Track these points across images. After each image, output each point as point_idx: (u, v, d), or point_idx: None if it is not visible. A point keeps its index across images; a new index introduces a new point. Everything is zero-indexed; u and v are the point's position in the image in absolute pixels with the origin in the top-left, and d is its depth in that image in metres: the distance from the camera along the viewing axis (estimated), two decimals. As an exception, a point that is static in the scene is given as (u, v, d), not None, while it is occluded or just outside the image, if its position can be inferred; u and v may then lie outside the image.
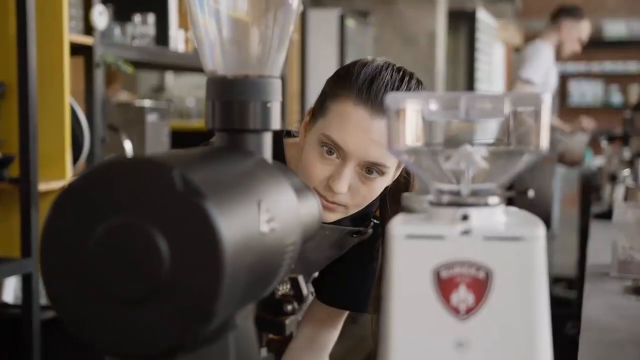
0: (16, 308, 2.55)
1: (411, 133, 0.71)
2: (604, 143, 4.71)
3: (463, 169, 0.71)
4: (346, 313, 1.56)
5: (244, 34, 0.82)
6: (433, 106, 0.70)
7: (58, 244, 0.62)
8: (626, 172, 3.07)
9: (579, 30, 4.47)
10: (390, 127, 0.71)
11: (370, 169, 1.27)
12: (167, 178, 0.61)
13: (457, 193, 0.71)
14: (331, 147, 1.27)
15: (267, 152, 0.82)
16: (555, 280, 5.49)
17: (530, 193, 0.72)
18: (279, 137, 1.42)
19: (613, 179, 3.25)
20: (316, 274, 1.52)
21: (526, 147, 0.70)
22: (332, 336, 1.59)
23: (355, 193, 1.29)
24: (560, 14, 4.51)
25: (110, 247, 0.61)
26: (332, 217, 1.31)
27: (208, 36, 0.82)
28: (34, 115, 2.37)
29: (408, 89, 1.29)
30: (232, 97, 0.80)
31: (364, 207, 1.33)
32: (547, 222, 4.55)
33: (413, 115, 0.71)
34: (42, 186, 2.42)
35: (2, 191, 2.47)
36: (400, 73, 1.30)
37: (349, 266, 1.49)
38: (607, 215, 2.73)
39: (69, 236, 0.62)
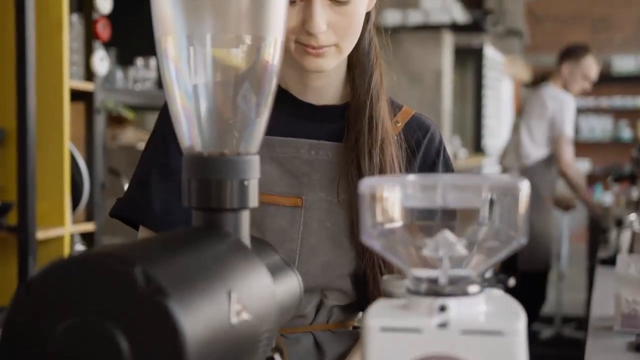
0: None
1: (386, 219, 0.69)
2: (611, 182, 4.69)
3: (441, 256, 0.68)
4: None
5: (221, 110, 0.81)
6: (409, 192, 0.68)
7: (18, 345, 0.60)
8: (632, 216, 3.04)
9: (582, 69, 4.47)
10: (364, 212, 0.69)
11: None
12: (128, 275, 0.58)
13: (434, 280, 0.69)
14: None
15: (245, 231, 0.80)
16: (564, 321, 5.42)
17: (511, 282, 0.70)
18: None
19: (619, 223, 3.21)
20: None
21: (505, 234, 0.67)
22: None
23: (336, 27, 1.18)
24: (561, 56, 4.53)
25: (70, 348, 0.59)
26: (328, 62, 1.21)
27: (185, 112, 0.80)
28: (32, 162, 2.36)
29: None
30: (209, 175, 0.78)
31: (355, 38, 1.22)
32: (547, 261, 4.49)
33: (388, 200, 0.69)
34: (41, 234, 2.40)
35: (0, 239, 2.46)
36: None
37: None
38: (613, 261, 2.69)
39: (29, 336, 0.59)
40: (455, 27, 5.56)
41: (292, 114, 1.29)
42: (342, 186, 1.23)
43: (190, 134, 0.80)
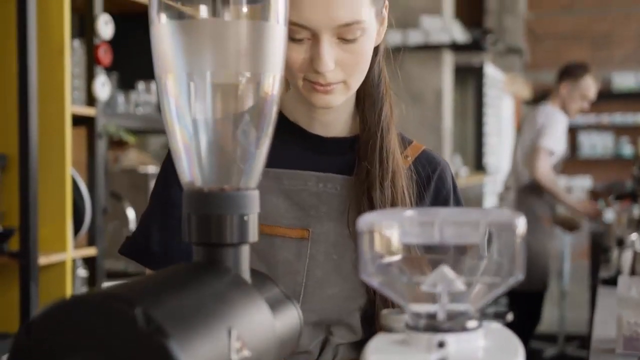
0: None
1: (384, 254, 0.70)
2: (613, 201, 4.68)
3: (440, 291, 0.69)
4: None
5: (221, 146, 0.81)
6: (407, 228, 0.69)
7: (18, 384, 0.60)
8: (634, 236, 3.03)
9: (580, 89, 4.47)
10: (362, 247, 0.70)
11: (347, 32, 1.15)
12: (129, 316, 0.59)
13: (433, 316, 0.69)
14: (297, 31, 1.15)
15: (245, 265, 0.80)
16: (567, 339, 5.41)
17: (509, 317, 0.70)
18: None
19: (620, 243, 3.21)
20: None
21: (503, 270, 0.68)
22: None
23: (344, 65, 1.16)
24: (560, 75, 4.54)
25: (71, 388, 0.59)
26: (336, 99, 1.20)
27: (185, 147, 0.81)
28: (34, 188, 2.37)
29: None
30: (209, 211, 0.79)
31: (363, 74, 1.21)
32: (544, 281, 4.45)
33: (387, 236, 0.69)
34: (43, 260, 2.41)
35: (2, 265, 2.46)
36: None
37: None
38: (614, 281, 2.68)
39: (30, 376, 0.60)
40: (455, 47, 5.59)
41: (300, 147, 1.28)
42: (352, 218, 1.22)
43: (190, 169, 0.81)
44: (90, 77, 2.65)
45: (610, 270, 3.27)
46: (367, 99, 1.28)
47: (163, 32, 0.78)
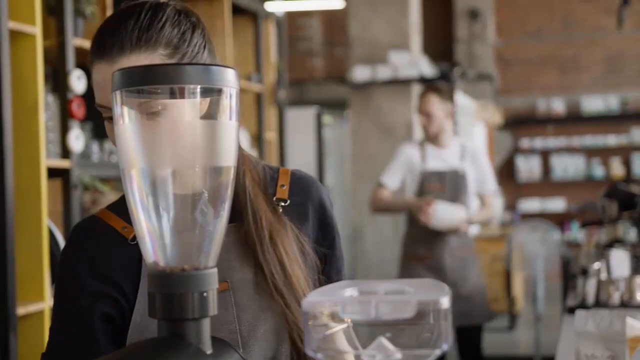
0: None
1: (327, 330, 0.78)
2: (577, 229, 4.78)
3: (378, 361, 0.77)
4: None
5: (181, 230, 0.90)
6: (347, 308, 0.77)
7: None
8: (597, 265, 3.11)
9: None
10: (306, 326, 0.78)
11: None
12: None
13: (373, 383, 0.77)
14: (104, 112, 1.20)
15: (206, 337, 0.88)
16: (542, 362, 5.50)
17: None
18: None
19: (584, 272, 3.30)
20: None
21: (433, 342, 0.77)
22: None
23: None
24: None
25: None
26: None
27: (148, 232, 0.89)
28: (11, 240, 2.43)
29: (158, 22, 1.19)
30: (172, 290, 0.87)
31: None
32: (487, 314, 4.37)
33: (328, 314, 0.78)
34: (21, 310, 2.46)
35: (-19, 317, 2.51)
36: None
37: None
38: (580, 309, 2.75)
39: None
40: (423, 80, 5.72)
41: None
42: (253, 265, 1.27)
43: (153, 251, 0.89)
44: (64, 131, 2.73)
45: (577, 298, 3.36)
46: None
47: (126, 130, 0.87)
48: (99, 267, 1.25)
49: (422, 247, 4.13)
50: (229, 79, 0.89)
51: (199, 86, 0.87)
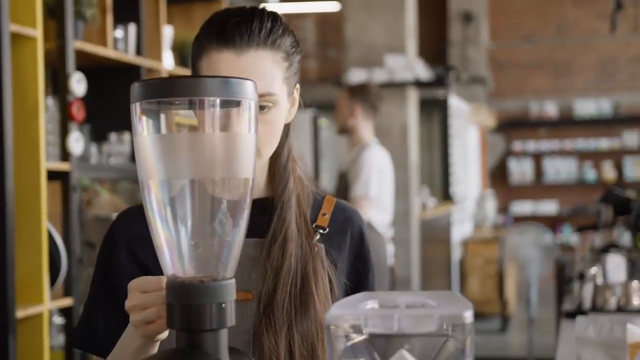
0: None
1: (350, 342, 0.79)
2: (569, 232, 4.79)
3: (399, 374, 0.78)
4: None
5: (200, 242, 0.90)
6: (370, 322, 0.78)
7: None
8: (594, 270, 3.12)
9: None
10: (330, 339, 0.78)
11: (260, 101, 1.16)
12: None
13: (393, 396, 0.78)
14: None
15: (223, 348, 0.89)
16: (537, 364, 5.51)
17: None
18: None
19: (581, 277, 3.30)
20: None
21: (456, 355, 0.77)
22: None
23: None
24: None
25: None
26: None
27: (167, 244, 0.89)
28: (11, 242, 2.42)
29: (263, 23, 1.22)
30: (190, 301, 0.88)
31: (275, 144, 1.26)
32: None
33: (351, 327, 0.78)
34: (20, 313, 2.46)
35: (-20, 319, 2.51)
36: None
37: None
38: (577, 314, 2.76)
39: None
40: (419, 83, 5.72)
41: None
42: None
43: (172, 263, 0.89)
44: (64, 133, 2.72)
45: (573, 303, 3.36)
46: (275, 175, 1.32)
47: (145, 142, 0.87)
48: (137, 254, 1.25)
49: None
50: (248, 91, 0.89)
51: (218, 98, 0.87)
